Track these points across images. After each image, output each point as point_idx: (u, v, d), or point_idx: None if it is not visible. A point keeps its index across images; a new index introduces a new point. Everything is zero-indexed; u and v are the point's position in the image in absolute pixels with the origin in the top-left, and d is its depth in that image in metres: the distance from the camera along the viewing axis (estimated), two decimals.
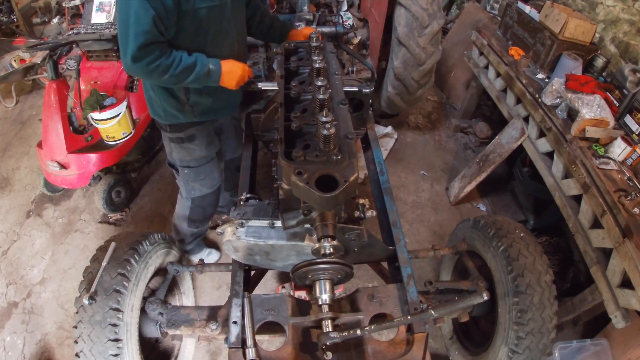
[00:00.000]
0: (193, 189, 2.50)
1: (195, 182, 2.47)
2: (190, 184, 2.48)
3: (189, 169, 2.40)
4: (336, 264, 1.43)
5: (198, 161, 2.37)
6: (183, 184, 2.52)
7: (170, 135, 2.25)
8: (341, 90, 1.62)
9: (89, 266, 1.81)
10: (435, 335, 2.59)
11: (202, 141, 2.30)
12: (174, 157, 2.37)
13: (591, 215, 2.24)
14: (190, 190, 2.52)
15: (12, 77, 4.15)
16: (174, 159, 2.39)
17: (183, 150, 2.31)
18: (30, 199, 3.49)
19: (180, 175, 2.47)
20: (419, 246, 3.13)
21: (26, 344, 2.62)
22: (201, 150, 2.33)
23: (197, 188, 2.50)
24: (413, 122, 4.42)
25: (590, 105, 2.43)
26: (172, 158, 2.40)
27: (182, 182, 2.52)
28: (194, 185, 2.49)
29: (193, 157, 2.34)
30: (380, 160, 2.36)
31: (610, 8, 2.94)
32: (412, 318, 1.45)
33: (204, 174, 2.44)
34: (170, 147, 2.35)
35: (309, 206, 1.34)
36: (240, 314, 1.60)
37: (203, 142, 2.31)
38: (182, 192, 2.61)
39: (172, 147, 2.32)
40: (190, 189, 2.51)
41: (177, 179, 2.55)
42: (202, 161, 2.38)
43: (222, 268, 2.00)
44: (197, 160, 2.36)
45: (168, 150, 2.40)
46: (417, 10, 2.90)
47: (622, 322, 1.99)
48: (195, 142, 2.28)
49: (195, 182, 2.47)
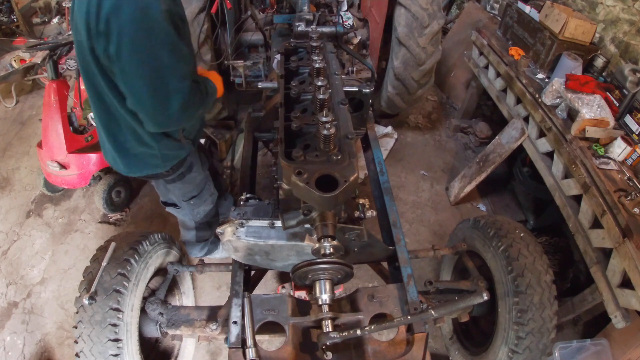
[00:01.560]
0: (198, 213, 2.36)
1: (200, 206, 2.32)
2: (195, 211, 2.33)
3: (194, 198, 2.24)
4: (336, 264, 1.42)
5: (199, 186, 2.23)
6: (188, 213, 2.33)
7: (171, 177, 2.04)
8: (341, 90, 1.62)
9: (89, 266, 1.81)
10: (435, 335, 2.59)
11: (198, 164, 2.17)
12: (174, 195, 2.20)
13: (591, 215, 2.24)
14: (195, 217, 2.37)
15: (12, 77, 4.14)
16: (174, 197, 2.21)
17: (185, 184, 2.14)
18: (30, 199, 3.49)
19: (183, 208, 2.29)
20: (419, 246, 3.13)
21: (26, 344, 2.62)
22: (199, 173, 2.19)
23: (202, 211, 2.36)
24: (413, 122, 4.42)
25: (590, 105, 2.43)
26: (171, 197, 2.22)
27: (186, 213, 2.34)
28: (198, 211, 2.34)
29: (195, 184, 2.19)
30: (380, 160, 2.36)
31: (610, 8, 2.94)
32: (412, 318, 1.45)
33: (206, 194, 2.31)
34: (166, 189, 2.16)
35: (309, 206, 1.34)
36: (240, 314, 1.60)
37: (198, 165, 2.17)
38: (186, 223, 2.45)
39: (171, 187, 2.13)
40: (196, 214, 2.36)
41: (178, 213, 2.38)
42: (202, 184, 2.25)
43: (222, 268, 2.00)
44: (198, 186, 2.22)
45: (163, 193, 2.22)
46: (417, 10, 2.90)
47: (622, 322, 1.99)
48: (194, 169, 2.14)
49: (200, 207, 2.32)
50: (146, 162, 1.89)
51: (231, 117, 3.83)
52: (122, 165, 1.91)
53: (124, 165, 1.90)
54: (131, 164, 1.90)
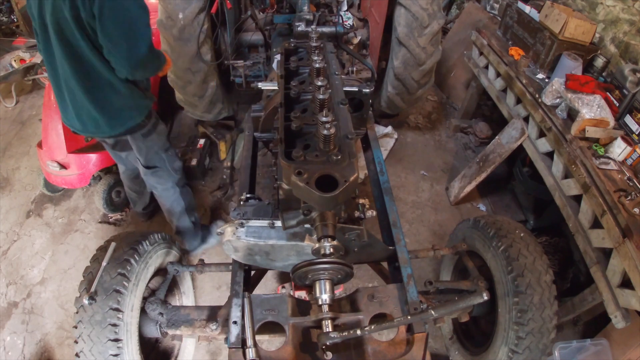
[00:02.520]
0: (178, 167, 2.63)
1: (176, 157, 2.63)
2: (174, 165, 2.59)
3: (169, 148, 2.55)
4: (336, 264, 1.42)
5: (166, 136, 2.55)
6: (168, 170, 2.57)
7: (147, 128, 2.33)
8: (341, 90, 1.62)
9: (89, 266, 1.81)
10: (435, 335, 2.59)
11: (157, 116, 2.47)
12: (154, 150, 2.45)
13: (591, 215, 2.24)
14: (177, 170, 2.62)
15: (12, 77, 4.14)
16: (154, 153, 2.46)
17: (159, 135, 2.44)
18: (30, 199, 3.49)
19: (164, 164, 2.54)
20: (419, 246, 3.13)
21: (26, 344, 2.62)
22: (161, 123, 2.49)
23: (177, 164, 2.63)
24: (413, 122, 4.42)
25: (590, 105, 2.43)
26: (151, 156, 2.47)
27: (165, 172, 2.58)
28: (177, 164, 2.62)
29: (164, 134, 2.51)
30: (380, 160, 2.36)
31: (610, 8, 2.94)
32: (412, 318, 1.45)
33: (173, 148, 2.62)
34: (147, 145, 2.41)
35: (309, 206, 1.34)
36: (240, 314, 1.60)
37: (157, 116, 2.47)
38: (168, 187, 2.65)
39: (149, 142, 2.40)
40: (177, 168, 2.62)
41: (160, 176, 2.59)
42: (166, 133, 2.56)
43: (222, 268, 2.00)
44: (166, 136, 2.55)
45: (144, 153, 2.44)
46: (417, 10, 2.90)
47: (622, 322, 1.99)
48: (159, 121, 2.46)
49: (176, 159, 2.62)
50: (125, 115, 2.21)
51: (231, 117, 3.83)
52: (106, 126, 2.19)
53: (107, 124, 2.18)
54: (112, 121, 2.19)
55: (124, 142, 2.45)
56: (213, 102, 3.32)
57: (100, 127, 2.20)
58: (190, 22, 2.80)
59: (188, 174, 3.54)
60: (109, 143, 2.50)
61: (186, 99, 3.28)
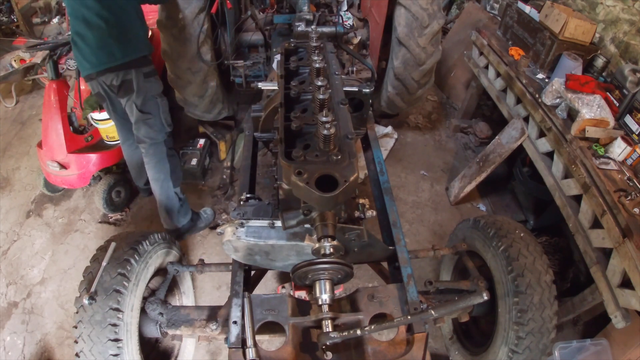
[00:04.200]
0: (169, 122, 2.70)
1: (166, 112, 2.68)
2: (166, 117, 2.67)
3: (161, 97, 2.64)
4: (336, 264, 1.42)
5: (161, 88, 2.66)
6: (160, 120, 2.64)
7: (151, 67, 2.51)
8: (341, 90, 1.62)
9: (89, 266, 1.81)
10: (435, 335, 2.59)
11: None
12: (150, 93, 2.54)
13: (591, 215, 2.24)
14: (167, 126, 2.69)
15: (12, 77, 4.15)
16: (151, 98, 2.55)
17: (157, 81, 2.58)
18: (30, 199, 3.49)
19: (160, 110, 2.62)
20: (419, 246, 3.13)
21: (26, 344, 2.62)
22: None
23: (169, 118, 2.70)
24: (413, 122, 4.42)
25: (590, 105, 2.43)
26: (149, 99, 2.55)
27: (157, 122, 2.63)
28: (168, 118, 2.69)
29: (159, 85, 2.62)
30: (380, 160, 2.36)
31: (610, 8, 2.94)
32: (412, 318, 1.45)
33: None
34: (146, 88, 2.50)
35: (309, 206, 1.34)
36: (240, 314, 1.60)
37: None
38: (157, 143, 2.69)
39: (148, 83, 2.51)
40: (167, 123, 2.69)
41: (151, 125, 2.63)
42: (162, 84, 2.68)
43: (222, 268, 2.00)
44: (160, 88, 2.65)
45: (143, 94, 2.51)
46: (417, 10, 2.90)
47: (622, 322, 1.99)
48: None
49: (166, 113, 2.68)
50: (139, 43, 2.41)
51: (231, 117, 3.83)
52: (120, 53, 2.34)
53: (122, 51, 2.34)
54: (129, 48, 2.36)
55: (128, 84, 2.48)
56: (213, 102, 3.33)
57: (114, 55, 2.34)
58: (190, 22, 2.80)
59: (188, 174, 3.55)
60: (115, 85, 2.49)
61: (186, 99, 3.28)
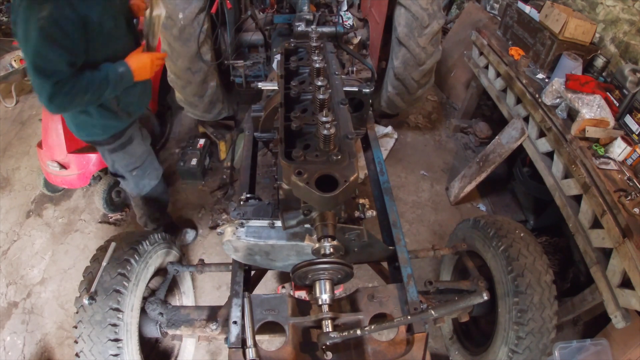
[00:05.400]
0: (143, 186, 2.62)
1: (144, 179, 2.58)
2: (140, 184, 2.59)
3: (136, 169, 2.51)
4: (336, 264, 1.42)
5: (141, 158, 2.50)
6: (133, 186, 2.60)
7: (112, 146, 2.34)
8: (341, 90, 1.62)
9: (89, 266, 1.81)
10: (435, 335, 2.59)
11: (139, 137, 2.44)
12: (119, 166, 2.47)
13: (591, 215, 2.23)
14: (141, 189, 2.63)
15: (12, 77, 4.15)
16: (118, 167, 2.48)
17: (127, 155, 2.42)
18: (30, 199, 3.49)
19: (128, 180, 2.56)
20: (419, 246, 3.13)
21: (26, 344, 2.62)
22: (140, 145, 2.46)
23: (147, 184, 2.62)
24: (413, 122, 4.42)
25: (590, 105, 2.43)
26: (116, 168, 2.50)
27: (131, 186, 2.61)
28: (143, 184, 2.60)
29: (137, 156, 2.46)
30: (380, 160, 2.36)
31: (610, 8, 2.94)
32: (412, 318, 1.45)
33: (149, 167, 2.57)
34: (112, 159, 2.43)
35: (309, 206, 1.34)
36: (240, 314, 1.60)
37: (139, 138, 2.44)
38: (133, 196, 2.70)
39: (114, 157, 2.41)
40: (142, 187, 2.62)
41: (124, 185, 2.66)
42: (144, 156, 2.51)
43: (222, 268, 2.00)
44: (140, 158, 2.49)
45: (110, 163, 2.48)
46: (417, 10, 2.90)
47: (622, 322, 1.99)
48: (135, 141, 2.41)
49: (144, 179, 2.59)
50: (89, 130, 2.23)
51: (231, 117, 3.83)
52: (74, 130, 2.27)
53: (75, 130, 2.26)
54: (79, 130, 2.25)
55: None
56: (213, 102, 3.33)
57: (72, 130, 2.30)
58: (190, 22, 2.80)
59: (188, 174, 3.55)
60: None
61: (186, 99, 3.28)
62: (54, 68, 1.73)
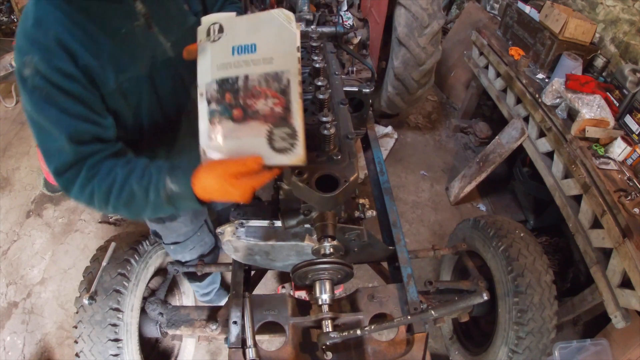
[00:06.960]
0: (183, 257, 2.07)
1: (185, 253, 2.04)
2: (180, 255, 2.05)
3: (175, 245, 1.97)
4: (336, 264, 1.42)
5: (185, 235, 1.96)
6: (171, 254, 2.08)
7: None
8: (341, 90, 1.62)
9: (89, 266, 1.81)
10: (435, 335, 2.59)
11: (186, 217, 1.89)
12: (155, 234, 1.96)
13: (591, 215, 2.23)
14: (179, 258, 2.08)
15: (12, 77, 4.15)
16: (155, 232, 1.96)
17: (165, 229, 1.89)
18: (30, 199, 3.49)
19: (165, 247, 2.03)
20: (419, 246, 3.13)
21: (26, 344, 2.62)
22: (186, 225, 1.92)
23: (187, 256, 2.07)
24: (413, 122, 4.42)
25: (590, 105, 2.43)
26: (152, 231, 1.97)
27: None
28: (184, 255, 2.06)
29: (179, 233, 1.94)
30: (380, 160, 2.35)
31: (610, 8, 2.94)
32: (412, 318, 1.45)
33: (192, 244, 2.03)
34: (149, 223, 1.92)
35: (309, 206, 1.34)
36: (240, 314, 1.60)
37: (187, 217, 1.90)
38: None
39: (151, 225, 1.92)
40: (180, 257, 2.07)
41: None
42: (189, 234, 1.97)
43: (222, 268, 2.00)
44: (183, 235, 1.96)
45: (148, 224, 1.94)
46: (417, 10, 2.90)
47: (622, 322, 1.99)
48: (179, 220, 1.88)
49: (184, 253, 2.05)
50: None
51: None
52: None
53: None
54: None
55: None
56: None
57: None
58: None
59: None
60: None
61: None
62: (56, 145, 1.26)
